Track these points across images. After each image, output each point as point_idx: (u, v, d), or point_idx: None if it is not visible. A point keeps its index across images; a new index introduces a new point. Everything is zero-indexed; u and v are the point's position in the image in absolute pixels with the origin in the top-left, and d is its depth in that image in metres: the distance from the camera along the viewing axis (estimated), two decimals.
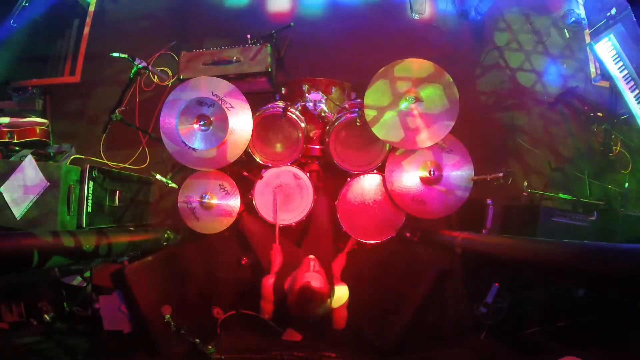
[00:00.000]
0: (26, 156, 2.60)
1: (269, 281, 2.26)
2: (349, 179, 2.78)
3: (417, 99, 2.40)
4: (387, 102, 2.43)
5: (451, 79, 2.38)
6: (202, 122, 2.52)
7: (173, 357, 2.33)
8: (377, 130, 2.45)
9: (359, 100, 2.94)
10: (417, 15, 3.83)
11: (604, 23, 3.42)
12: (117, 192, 2.88)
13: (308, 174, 2.78)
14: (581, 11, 3.82)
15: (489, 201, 2.84)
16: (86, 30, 3.86)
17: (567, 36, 3.84)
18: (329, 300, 2.05)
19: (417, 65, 2.39)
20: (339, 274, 2.48)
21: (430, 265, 2.54)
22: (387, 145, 2.65)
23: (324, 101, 2.78)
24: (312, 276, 2.03)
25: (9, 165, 2.57)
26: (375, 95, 2.43)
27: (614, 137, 3.45)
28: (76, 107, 3.72)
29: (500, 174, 2.37)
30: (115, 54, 2.81)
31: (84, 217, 2.58)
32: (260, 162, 2.79)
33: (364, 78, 2.49)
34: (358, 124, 2.63)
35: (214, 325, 2.88)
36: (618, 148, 3.50)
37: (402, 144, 2.49)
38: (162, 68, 3.70)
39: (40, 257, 1.77)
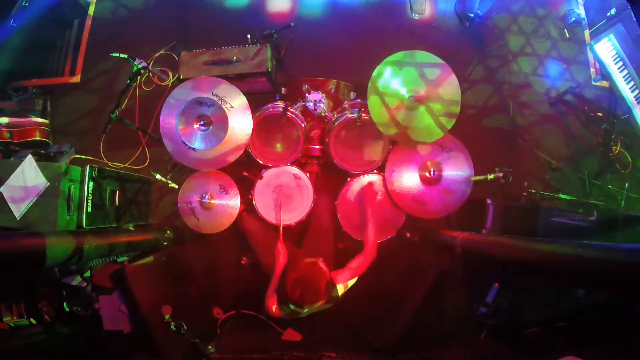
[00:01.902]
0: (26, 156, 2.60)
1: (272, 307, 2.16)
2: (349, 179, 2.78)
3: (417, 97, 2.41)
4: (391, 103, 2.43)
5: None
6: (202, 122, 2.52)
7: (173, 357, 2.33)
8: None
9: (359, 100, 2.94)
10: (417, 15, 3.83)
11: (604, 23, 3.42)
12: (117, 192, 2.88)
13: (308, 174, 2.78)
14: (581, 11, 3.82)
15: (489, 201, 2.84)
16: (86, 30, 3.86)
17: (567, 36, 3.84)
18: (327, 291, 2.00)
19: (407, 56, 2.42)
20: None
21: (430, 265, 2.54)
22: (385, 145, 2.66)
23: (324, 101, 2.78)
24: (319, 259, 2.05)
25: (9, 165, 2.57)
26: (376, 102, 2.44)
27: (614, 137, 3.45)
28: (76, 107, 3.72)
29: (500, 174, 2.37)
30: (115, 54, 2.82)
31: (84, 217, 2.58)
32: (260, 162, 2.79)
33: (364, 78, 2.48)
34: (358, 124, 2.64)
35: (214, 325, 2.89)
36: (618, 148, 3.50)
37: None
38: (162, 68, 3.70)
39: (50, 257, 1.78)
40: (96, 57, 3.78)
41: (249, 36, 3.20)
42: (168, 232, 2.93)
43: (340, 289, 2.17)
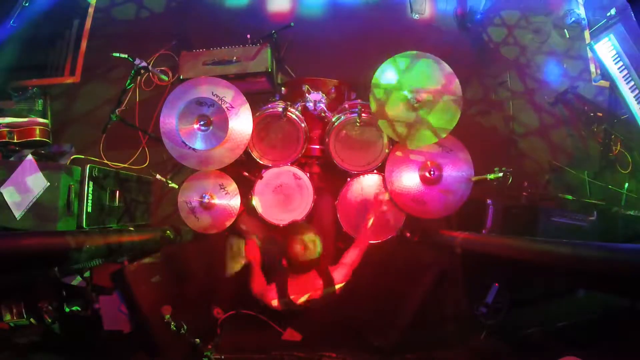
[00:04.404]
0: (26, 156, 2.60)
1: (273, 301, 2.21)
2: (349, 179, 2.78)
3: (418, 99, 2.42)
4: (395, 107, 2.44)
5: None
6: (202, 122, 2.52)
7: (173, 357, 2.33)
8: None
9: (359, 100, 2.94)
10: (417, 15, 3.83)
11: (604, 23, 3.41)
12: (117, 192, 2.88)
13: (308, 174, 2.78)
14: (581, 11, 3.82)
15: (489, 201, 2.84)
16: (86, 30, 3.87)
17: (567, 36, 3.84)
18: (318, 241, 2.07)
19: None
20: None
21: (430, 265, 2.55)
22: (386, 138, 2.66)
23: (324, 101, 2.78)
24: None
25: (9, 165, 2.57)
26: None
27: (614, 137, 3.45)
28: (76, 107, 3.72)
29: (500, 174, 2.37)
30: (116, 54, 2.82)
31: (84, 217, 2.58)
32: (260, 162, 2.79)
33: (364, 78, 2.49)
34: (358, 124, 2.64)
35: (214, 325, 2.88)
36: (618, 148, 3.49)
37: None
38: (162, 68, 3.70)
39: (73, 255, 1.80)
40: (96, 57, 3.78)
41: (249, 36, 3.20)
42: (168, 232, 2.93)
43: (338, 284, 2.20)
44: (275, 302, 2.19)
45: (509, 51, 3.82)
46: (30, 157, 2.56)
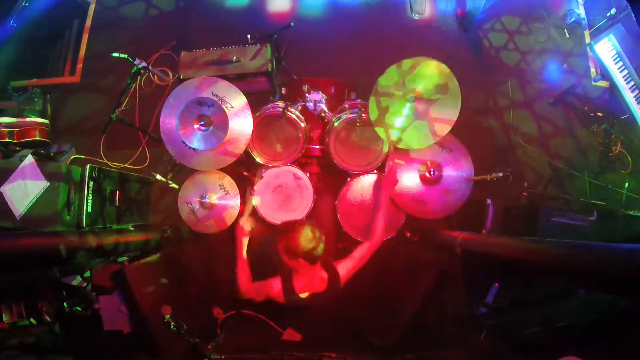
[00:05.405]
0: (26, 156, 2.60)
1: (275, 287, 2.19)
2: (349, 179, 2.78)
3: (417, 98, 2.41)
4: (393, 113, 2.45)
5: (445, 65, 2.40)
6: (202, 122, 2.52)
7: (173, 357, 2.32)
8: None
9: (359, 100, 2.95)
10: (417, 15, 3.83)
11: (604, 23, 3.42)
12: (117, 192, 2.88)
13: (308, 174, 2.78)
14: (581, 11, 3.82)
15: (489, 201, 2.84)
16: (86, 30, 3.87)
17: (567, 36, 3.84)
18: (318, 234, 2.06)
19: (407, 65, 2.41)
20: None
21: (430, 265, 2.54)
22: (386, 145, 2.66)
23: (324, 101, 2.78)
24: None
25: (9, 165, 2.57)
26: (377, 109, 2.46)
27: (614, 137, 3.45)
28: (76, 107, 3.73)
29: (500, 174, 2.37)
30: (116, 54, 2.82)
31: (84, 217, 2.58)
32: (260, 162, 2.79)
33: (364, 78, 2.49)
34: (358, 124, 2.64)
35: (214, 325, 2.88)
36: (618, 148, 3.49)
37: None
38: (162, 68, 3.70)
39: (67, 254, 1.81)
40: (96, 57, 3.78)
41: (249, 36, 3.20)
42: (168, 232, 2.93)
43: (343, 278, 2.19)
44: (279, 298, 2.17)
45: (508, 53, 3.81)
46: (30, 157, 2.56)
